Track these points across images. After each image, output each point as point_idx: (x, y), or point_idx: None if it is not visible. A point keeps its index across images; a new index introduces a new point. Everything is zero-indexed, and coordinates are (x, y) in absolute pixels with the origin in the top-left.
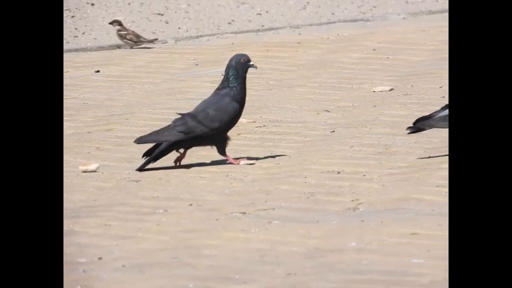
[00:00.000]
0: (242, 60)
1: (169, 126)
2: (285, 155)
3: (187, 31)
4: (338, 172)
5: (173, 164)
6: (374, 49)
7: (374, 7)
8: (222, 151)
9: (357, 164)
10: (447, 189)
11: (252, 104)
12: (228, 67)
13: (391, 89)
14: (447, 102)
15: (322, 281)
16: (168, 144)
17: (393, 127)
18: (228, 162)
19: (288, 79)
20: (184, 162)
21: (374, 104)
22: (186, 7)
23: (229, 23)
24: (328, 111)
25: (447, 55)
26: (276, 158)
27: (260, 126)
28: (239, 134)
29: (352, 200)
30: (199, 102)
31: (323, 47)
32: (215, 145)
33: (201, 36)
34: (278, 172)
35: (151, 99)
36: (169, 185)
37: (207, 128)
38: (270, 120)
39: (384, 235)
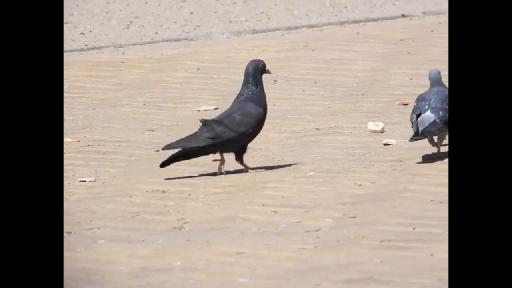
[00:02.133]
0: (260, 66)
1: (196, 133)
2: (110, 175)
3: None
4: (164, 192)
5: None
6: (198, 68)
7: (198, 26)
8: (240, 159)
9: (182, 183)
10: (272, 208)
11: (76, 123)
12: (247, 75)
13: (216, 108)
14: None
15: None
16: (196, 149)
17: None
18: (244, 170)
19: (112, 99)
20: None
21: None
22: None
23: None
24: (153, 131)
25: (270, 74)
26: (101, 177)
27: (85, 146)
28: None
29: (178, 219)
30: None
31: (147, 67)
32: (234, 152)
33: None
34: (103, 191)
35: None
36: None
37: (234, 133)
38: (94, 140)
39: (210, 254)
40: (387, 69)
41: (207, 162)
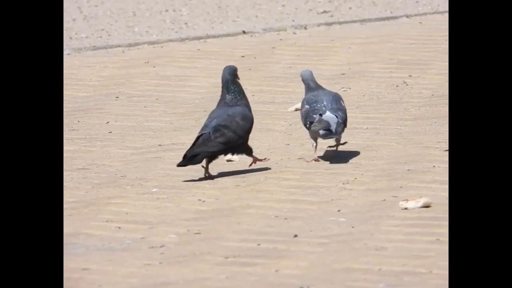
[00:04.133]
0: (235, 72)
1: (209, 138)
2: None
3: None
4: None
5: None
6: None
7: None
8: (250, 153)
9: None
10: (116, 224)
11: None
12: (226, 82)
13: None
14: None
15: None
16: (210, 154)
17: None
18: (255, 162)
19: None
20: None
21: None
22: None
23: None
24: None
25: (112, 91)
26: None
27: None
28: None
29: None
30: None
31: None
32: (240, 153)
33: None
34: None
35: None
36: None
37: (238, 137)
38: None
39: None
40: None
41: None
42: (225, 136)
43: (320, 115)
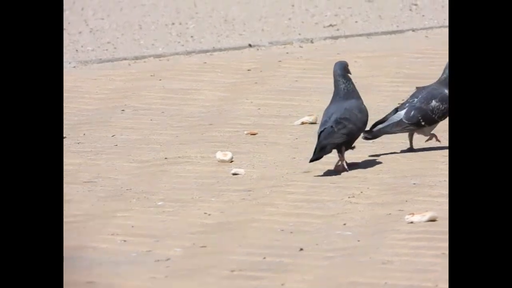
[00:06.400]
0: (346, 66)
1: (333, 130)
2: None
3: None
4: None
5: None
6: None
7: None
8: (343, 155)
9: None
10: (122, 237)
11: None
12: (337, 76)
13: (64, 137)
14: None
15: None
16: (334, 145)
17: (67, 175)
18: (344, 166)
19: None
20: None
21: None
22: None
23: None
24: None
25: (118, 104)
26: None
27: None
28: None
29: None
30: None
31: None
32: (349, 149)
33: None
34: None
35: None
36: None
37: (357, 129)
38: None
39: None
40: (235, 99)
41: None
42: (347, 128)
43: (396, 109)
